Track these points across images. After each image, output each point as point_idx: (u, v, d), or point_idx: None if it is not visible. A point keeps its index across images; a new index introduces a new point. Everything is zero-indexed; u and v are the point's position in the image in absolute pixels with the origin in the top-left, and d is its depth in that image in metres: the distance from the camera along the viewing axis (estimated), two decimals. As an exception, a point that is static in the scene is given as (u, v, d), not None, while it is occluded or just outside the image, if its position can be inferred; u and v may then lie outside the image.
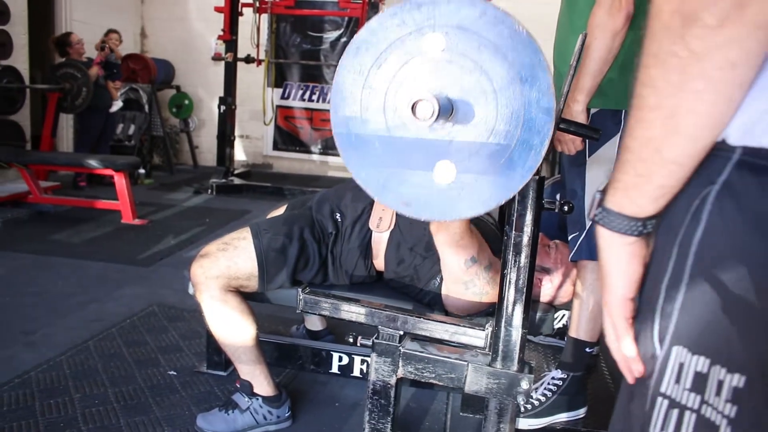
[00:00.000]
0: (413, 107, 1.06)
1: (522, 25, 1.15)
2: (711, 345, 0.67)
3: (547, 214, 1.49)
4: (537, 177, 1.39)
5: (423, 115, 1.07)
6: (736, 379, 0.66)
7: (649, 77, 0.66)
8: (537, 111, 1.17)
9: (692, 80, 0.63)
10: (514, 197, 1.40)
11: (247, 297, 2.06)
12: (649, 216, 0.73)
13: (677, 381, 0.70)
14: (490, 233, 2.00)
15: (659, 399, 0.72)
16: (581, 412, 2.05)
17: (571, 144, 1.90)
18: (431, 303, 2.02)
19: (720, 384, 0.67)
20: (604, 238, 0.77)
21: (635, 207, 0.73)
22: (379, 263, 2.08)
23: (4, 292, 3.29)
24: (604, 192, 0.76)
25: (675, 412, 0.70)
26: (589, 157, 1.92)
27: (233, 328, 2.00)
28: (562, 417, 2.03)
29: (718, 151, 0.67)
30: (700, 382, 0.68)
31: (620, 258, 0.77)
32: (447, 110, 1.15)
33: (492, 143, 1.20)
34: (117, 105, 6.82)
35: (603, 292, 0.80)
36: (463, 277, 1.82)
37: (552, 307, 2.21)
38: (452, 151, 1.22)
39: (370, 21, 1.20)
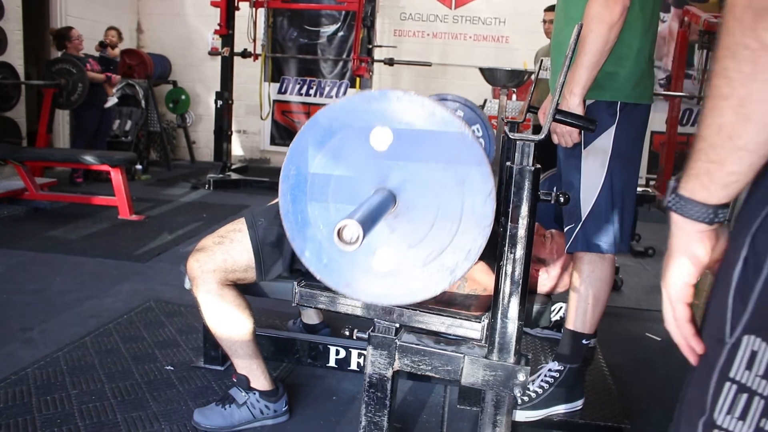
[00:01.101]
0: (338, 232, 1.08)
1: (466, 127, 1.22)
2: None
3: (544, 206, 1.48)
4: (532, 168, 1.39)
5: (348, 238, 1.08)
6: None
7: (722, 68, 0.69)
8: (478, 211, 1.25)
9: (763, 71, 0.65)
10: (510, 189, 1.40)
11: (243, 291, 2.06)
12: (721, 204, 0.75)
13: (748, 368, 0.72)
14: None
15: (727, 383, 0.74)
16: (578, 404, 2.06)
17: (568, 136, 1.90)
18: (439, 298, 2.02)
19: None
20: (676, 224, 0.79)
21: (707, 193, 0.75)
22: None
23: (1, 288, 3.28)
24: (678, 180, 0.79)
25: (744, 396, 0.73)
26: (584, 148, 1.91)
27: (230, 322, 2.00)
28: (559, 409, 2.03)
29: None
30: None
31: (689, 244, 0.79)
32: (383, 210, 1.21)
33: (429, 239, 1.28)
34: (112, 101, 6.79)
35: (666, 276, 0.82)
36: (440, 303, 1.84)
37: (549, 299, 2.21)
38: (394, 240, 1.30)
39: (334, 105, 1.29)
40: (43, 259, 3.86)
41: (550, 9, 5.99)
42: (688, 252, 0.80)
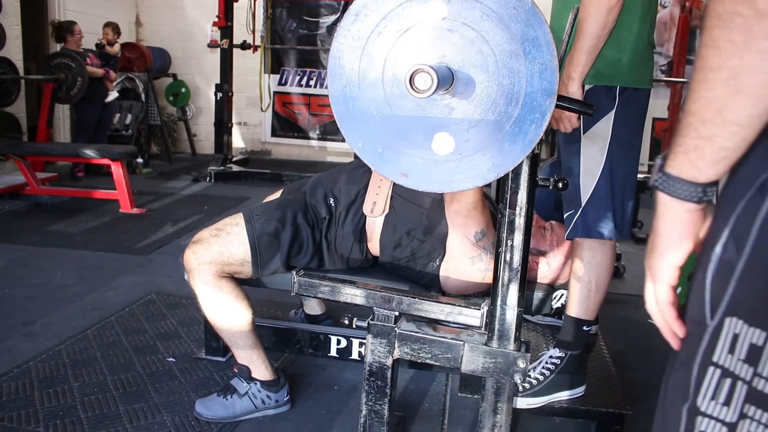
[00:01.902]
0: (411, 78, 1.04)
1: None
2: None
3: (544, 194, 1.48)
4: (531, 154, 1.38)
5: (421, 86, 1.04)
6: None
7: (711, 38, 0.66)
8: (539, 85, 1.15)
9: (757, 39, 0.62)
10: (508, 175, 1.39)
11: (243, 282, 2.06)
12: (709, 182, 0.72)
13: (731, 351, 0.70)
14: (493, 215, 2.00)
15: (711, 368, 0.72)
16: (580, 391, 2.05)
17: (567, 122, 1.89)
18: (429, 285, 2.01)
19: None
20: (663, 203, 0.76)
21: (695, 171, 0.72)
22: (374, 247, 2.07)
23: (2, 283, 3.29)
24: (664, 157, 0.75)
25: (728, 381, 0.70)
26: (584, 134, 1.90)
27: (228, 313, 1.99)
28: (560, 395, 2.02)
29: None
30: (754, 355, 0.68)
31: (676, 225, 0.76)
32: (446, 81, 1.12)
33: (492, 116, 1.18)
34: (112, 95, 6.79)
35: (650, 258, 0.80)
36: (470, 252, 1.83)
37: (551, 286, 2.21)
38: (451, 122, 1.20)
39: None
40: (44, 253, 3.86)
41: None
42: (676, 233, 0.77)
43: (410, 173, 1.25)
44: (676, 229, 0.77)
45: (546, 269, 2.16)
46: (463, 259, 1.86)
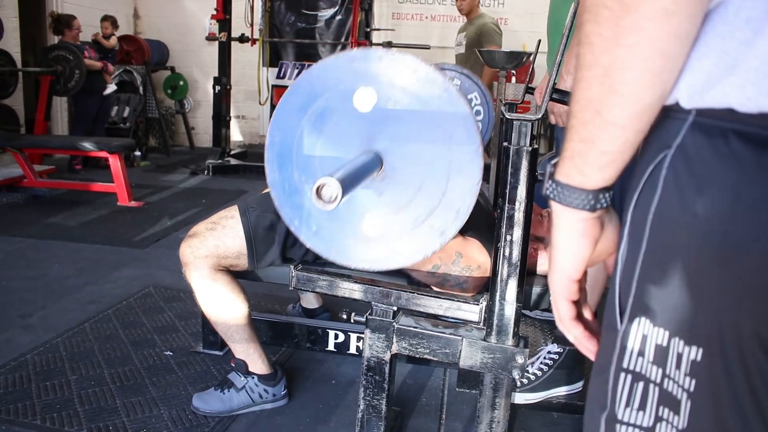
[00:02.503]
0: (317, 190, 1.05)
1: (452, 84, 1.19)
2: (668, 316, 0.64)
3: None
4: (530, 149, 1.37)
5: (327, 197, 1.05)
6: (694, 352, 0.63)
7: (585, 34, 0.62)
8: (465, 168, 1.21)
9: (624, 34, 0.58)
10: (507, 170, 1.38)
11: (240, 276, 2.05)
12: (600, 188, 0.68)
13: (641, 354, 0.66)
14: (475, 211, 1.98)
15: (622, 374, 0.68)
16: (578, 386, 2.05)
17: (566, 116, 1.88)
18: (433, 271, 2.01)
19: (679, 357, 0.64)
20: (556, 213, 0.71)
21: (582, 177, 0.67)
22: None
23: (0, 275, 3.28)
24: (555, 164, 0.71)
25: (640, 385, 0.67)
26: (583, 128, 1.89)
27: (224, 307, 1.99)
28: (558, 391, 2.02)
29: (674, 113, 0.63)
30: (661, 355, 0.65)
31: (570, 235, 0.72)
32: (368, 171, 1.18)
33: (418, 201, 1.25)
34: (111, 88, 6.77)
35: (549, 270, 0.76)
36: (433, 281, 1.81)
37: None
38: (382, 204, 1.27)
39: (313, 68, 1.27)
40: (42, 245, 3.86)
41: None
42: (570, 244, 0.72)
43: (342, 251, 1.33)
44: (570, 240, 0.72)
45: (544, 256, 2.15)
46: (435, 283, 1.86)
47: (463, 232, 1.81)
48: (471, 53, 5.41)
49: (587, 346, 0.76)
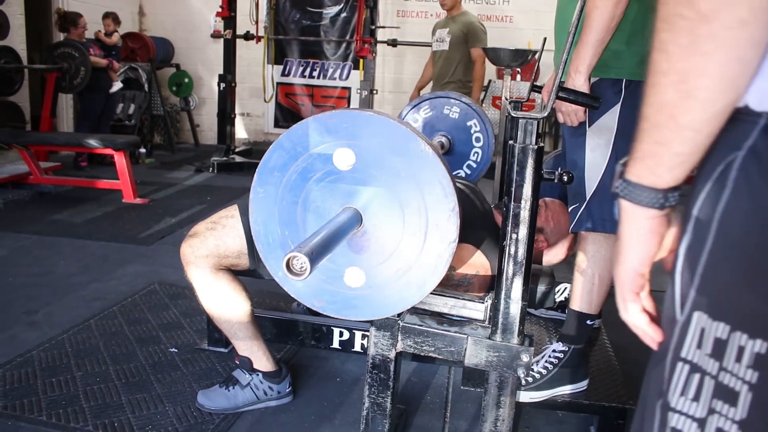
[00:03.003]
0: (287, 264, 1.07)
1: (427, 144, 1.25)
2: (732, 311, 0.67)
3: (548, 186, 1.47)
4: (536, 147, 1.37)
5: (297, 269, 1.08)
6: (759, 345, 0.65)
7: (660, 42, 0.65)
8: (441, 226, 1.28)
9: (701, 42, 0.61)
10: (513, 168, 1.38)
11: (242, 273, 2.05)
12: (670, 187, 0.71)
13: (699, 346, 0.69)
14: (470, 213, 1.98)
15: (679, 364, 0.71)
16: (583, 385, 2.05)
17: (573, 115, 1.87)
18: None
19: (741, 350, 0.66)
20: (625, 210, 0.75)
21: (654, 177, 0.71)
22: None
23: (6, 272, 3.29)
24: (625, 164, 0.74)
25: (696, 377, 0.70)
26: (589, 127, 1.89)
27: (227, 305, 2.00)
28: (563, 390, 2.02)
29: (744, 116, 0.65)
30: (719, 349, 0.67)
31: (639, 232, 0.75)
32: (348, 229, 1.26)
33: (400, 253, 1.31)
34: (117, 86, 6.78)
35: (615, 264, 0.79)
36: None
37: (553, 279, 2.21)
38: (363, 258, 1.34)
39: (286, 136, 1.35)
40: (47, 242, 3.87)
41: None
42: (639, 239, 0.75)
43: (326, 302, 1.40)
44: (638, 236, 0.76)
45: (544, 247, 2.15)
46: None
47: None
48: (456, 51, 5.32)
49: (651, 336, 0.78)
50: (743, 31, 0.59)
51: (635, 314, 0.79)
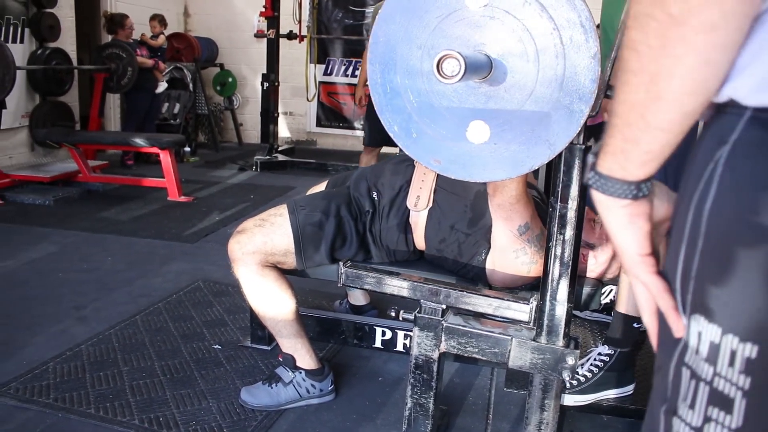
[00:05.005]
0: (438, 64, 1.02)
1: None
2: (723, 313, 0.65)
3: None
4: (583, 146, 1.35)
5: (449, 72, 1.02)
6: (749, 349, 0.63)
7: (630, 40, 0.64)
8: (580, 75, 1.13)
9: (672, 45, 0.60)
10: (560, 168, 1.36)
11: (289, 272, 2.07)
12: (640, 180, 0.71)
13: (697, 351, 0.68)
14: (537, 206, 1.96)
15: (683, 369, 0.70)
16: (629, 389, 2.01)
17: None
18: (475, 278, 1.99)
19: (733, 354, 0.64)
20: (600, 202, 0.75)
21: (624, 171, 0.71)
22: (419, 240, 2.05)
23: (56, 267, 3.37)
24: (596, 155, 0.74)
25: (693, 383, 0.68)
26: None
27: (272, 302, 2.01)
28: (609, 394, 1.98)
29: (730, 109, 0.65)
30: (713, 353, 0.66)
31: (620, 221, 0.75)
32: (482, 69, 1.11)
33: (530, 106, 1.16)
34: (162, 86, 6.90)
35: (620, 256, 0.78)
36: (513, 245, 1.79)
37: (599, 282, 2.17)
38: (488, 111, 1.19)
39: None
40: (95, 239, 3.95)
41: None
42: (622, 227, 0.75)
43: (444, 160, 1.25)
44: (620, 224, 0.75)
45: (594, 263, 2.11)
46: (507, 252, 1.83)
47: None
48: None
49: (678, 326, 0.74)
50: (713, 35, 0.59)
51: (663, 296, 0.75)
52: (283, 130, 8.56)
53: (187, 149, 7.13)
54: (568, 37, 1.11)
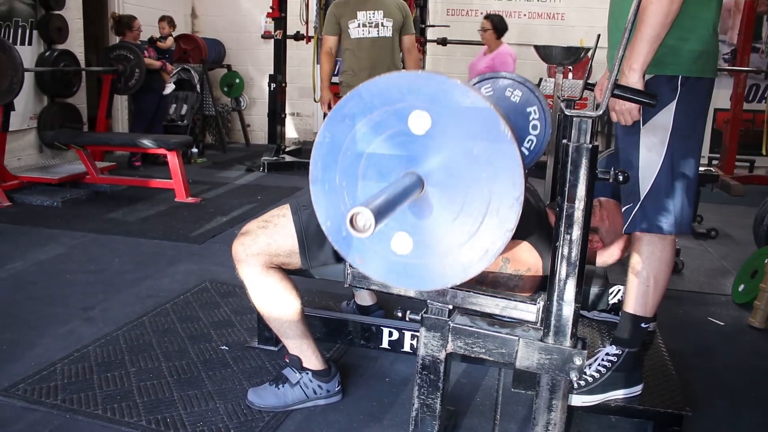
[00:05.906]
0: (351, 219, 1.03)
1: (506, 124, 1.17)
2: None
3: (601, 185, 1.43)
4: (590, 145, 1.34)
5: (360, 226, 1.03)
6: None
7: None
8: (498, 217, 1.20)
9: None
10: (567, 168, 1.35)
11: (294, 273, 2.06)
12: None
13: None
14: (527, 211, 1.95)
15: None
16: (637, 389, 2.00)
17: (627, 114, 1.83)
18: (479, 278, 1.98)
19: None
20: None
21: None
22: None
23: (64, 269, 3.38)
24: None
25: None
26: (643, 125, 1.84)
27: (277, 303, 2.01)
28: (616, 394, 1.97)
29: None
30: None
31: None
32: (404, 200, 1.17)
33: (450, 232, 1.24)
34: (170, 87, 6.92)
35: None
36: (485, 285, 1.78)
37: (607, 281, 2.16)
38: (415, 225, 1.26)
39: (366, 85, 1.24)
40: (102, 240, 3.96)
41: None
42: None
43: (367, 261, 1.33)
44: None
45: (599, 247, 2.10)
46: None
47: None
48: (395, 39, 4.76)
49: None
50: None
51: None
52: (291, 131, 8.57)
53: (195, 150, 7.15)
54: (497, 176, 1.19)
